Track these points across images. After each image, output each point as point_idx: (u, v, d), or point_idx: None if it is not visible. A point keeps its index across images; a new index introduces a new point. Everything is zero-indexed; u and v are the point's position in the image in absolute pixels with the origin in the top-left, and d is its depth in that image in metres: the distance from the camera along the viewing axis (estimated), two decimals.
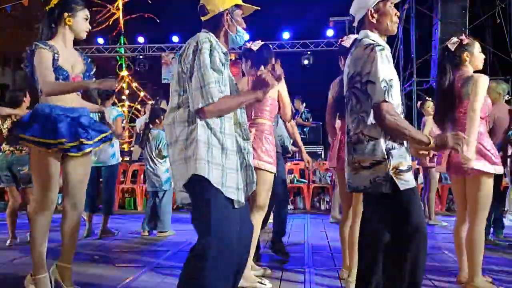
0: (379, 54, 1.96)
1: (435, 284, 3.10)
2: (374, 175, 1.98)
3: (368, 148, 2.00)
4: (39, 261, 2.65)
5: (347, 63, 2.16)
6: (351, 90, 2.08)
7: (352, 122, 2.09)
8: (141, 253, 4.14)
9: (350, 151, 2.09)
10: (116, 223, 5.94)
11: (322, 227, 5.85)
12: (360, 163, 2.02)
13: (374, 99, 1.96)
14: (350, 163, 2.09)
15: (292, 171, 8.27)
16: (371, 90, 1.96)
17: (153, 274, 3.34)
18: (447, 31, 10.05)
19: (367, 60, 1.98)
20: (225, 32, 2.09)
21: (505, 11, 10.60)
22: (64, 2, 2.72)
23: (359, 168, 2.03)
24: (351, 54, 2.13)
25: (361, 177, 2.03)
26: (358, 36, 2.16)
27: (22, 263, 3.67)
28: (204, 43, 1.94)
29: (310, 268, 3.53)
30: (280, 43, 11.72)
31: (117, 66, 13.86)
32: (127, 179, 8.34)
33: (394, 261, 2.03)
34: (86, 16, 2.80)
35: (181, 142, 1.95)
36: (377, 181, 1.97)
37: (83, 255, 3.96)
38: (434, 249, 4.31)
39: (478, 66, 2.99)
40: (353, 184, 2.10)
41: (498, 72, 10.49)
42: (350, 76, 2.09)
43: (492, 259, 3.83)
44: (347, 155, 2.12)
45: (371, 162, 1.99)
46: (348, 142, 2.12)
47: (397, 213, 2.02)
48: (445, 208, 7.68)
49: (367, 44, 2.02)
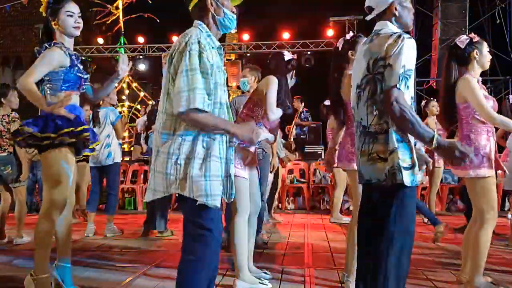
0: (407, 42, 1.89)
1: (435, 284, 3.10)
2: (389, 166, 1.91)
3: (386, 139, 1.93)
4: (42, 262, 2.64)
5: (363, 53, 2.05)
6: (374, 76, 1.96)
7: (371, 112, 1.98)
8: (140, 254, 4.14)
9: (367, 141, 1.99)
10: (116, 223, 5.93)
11: (322, 227, 5.85)
12: (379, 154, 1.94)
13: (387, 82, 1.89)
14: (366, 154, 2.00)
15: (292, 171, 8.28)
16: (388, 73, 1.89)
17: (153, 275, 3.33)
18: (447, 31, 10.07)
19: (393, 45, 1.89)
20: (213, 16, 2.01)
21: (505, 11, 10.61)
22: (47, 6, 2.72)
23: (377, 159, 1.95)
24: (369, 43, 2.03)
25: (378, 169, 1.95)
26: (377, 27, 2.06)
27: (22, 263, 3.67)
28: (193, 44, 1.87)
29: (310, 268, 3.53)
30: (280, 43, 11.72)
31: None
32: (127, 179, 8.34)
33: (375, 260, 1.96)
34: (69, 12, 2.71)
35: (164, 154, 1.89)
36: (390, 172, 1.90)
37: (83, 255, 3.96)
38: (434, 249, 4.32)
39: (485, 65, 2.97)
40: (366, 175, 2.02)
41: (498, 72, 10.51)
42: (373, 63, 1.97)
43: (491, 258, 3.83)
44: (361, 146, 2.02)
45: (389, 151, 1.92)
46: (363, 132, 2.02)
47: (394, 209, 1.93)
48: (445, 208, 7.68)
49: (392, 31, 1.96)
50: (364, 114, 2.02)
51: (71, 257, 2.83)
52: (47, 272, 2.65)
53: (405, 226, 1.94)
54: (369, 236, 2.00)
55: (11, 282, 3.11)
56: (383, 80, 1.92)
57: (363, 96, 2.02)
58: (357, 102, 2.08)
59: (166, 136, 1.90)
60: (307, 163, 8.39)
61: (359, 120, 2.06)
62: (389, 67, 1.89)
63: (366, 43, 2.07)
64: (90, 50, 12.28)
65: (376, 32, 2.05)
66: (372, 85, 1.98)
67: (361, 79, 2.05)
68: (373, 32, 2.08)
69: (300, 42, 11.68)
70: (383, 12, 2.05)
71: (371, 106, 1.99)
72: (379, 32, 2.02)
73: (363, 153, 2.02)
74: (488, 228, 2.83)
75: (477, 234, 2.83)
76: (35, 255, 2.64)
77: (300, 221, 6.44)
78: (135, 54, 12.33)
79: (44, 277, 2.64)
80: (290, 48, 11.65)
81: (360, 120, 2.05)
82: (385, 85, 1.90)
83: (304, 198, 8.00)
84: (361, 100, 2.04)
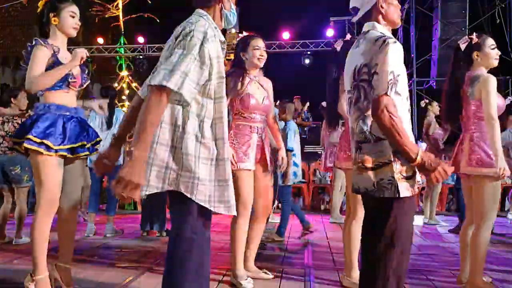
0: (392, 47, 1.83)
1: (435, 284, 3.10)
2: (378, 178, 1.86)
3: (375, 148, 1.87)
4: (39, 262, 2.64)
5: (352, 57, 2.03)
6: (359, 83, 1.93)
7: (356, 119, 1.95)
8: (140, 253, 4.14)
9: (356, 149, 1.96)
10: (116, 223, 5.93)
11: (322, 227, 5.85)
12: (364, 163, 1.89)
13: (376, 90, 1.83)
14: (355, 163, 1.97)
15: None
16: (375, 81, 1.84)
17: (153, 274, 3.33)
18: (447, 31, 10.08)
19: (378, 51, 1.85)
20: (220, 9, 1.91)
21: (505, 11, 10.62)
22: (49, 3, 2.74)
23: (363, 169, 1.91)
24: (357, 47, 2.00)
25: (364, 178, 1.90)
26: (364, 29, 2.03)
27: (22, 263, 3.67)
28: (198, 32, 1.72)
29: (310, 268, 3.52)
30: (280, 43, 11.72)
31: (117, 66, 13.85)
32: None
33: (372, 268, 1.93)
34: (72, 12, 2.74)
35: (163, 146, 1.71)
36: (381, 184, 1.85)
37: (83, 255, 3.96)
38: (434, 249, 4.32)
39: (491, 63, 2.96)
40: (355, 185, 1.99)
41: (498, 72, 10.51)
42: (358, 69, 1.94)
43: (491, 258, 3.83)
44: (353, 153, 2.00)
45: (376, 164, 1.87)
46: (353, 140, 2.00)
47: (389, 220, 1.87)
48: (445, 208, 7.68)
49: (378, 36, 1.90)
50: (353, 121, 1.99)
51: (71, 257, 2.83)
52: (45, 271, 2.65)
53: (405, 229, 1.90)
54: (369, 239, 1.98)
55: (11, 282, 3.10)
56: (371, 88, 1.86)
57: (353, 103, 1.99)
58: (349, 108, 2.06)
59: (164, 126, 1.72)
60: (307, 163, 8.39)
61: (351, 126, 2.03)
62: (376, 75, 1.84)
63: (355, 47, 2.04)
64: (90, 50, 12.29)
65: (364, 33, 2.01)
66: (356, 92, 1.95)
67: (350, 86, 2.02)
68: (361, 34, 2.04)
69: (300, 42, 11.68)
70: (369, 12, 2.01)
71: (355, 113, 1.97)
72: (366, 34, 1.98)
73: (353, 161, 2.00)
74: (487, 229, 2.80)
75: (476, 238, 2.78)
76: (32, 255, 2.64)
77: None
78: (135, 54, 12.34)
79: (43, 277, 2.64)
80: (290, 48, 11.67)
81: (352, 126, 2.02)
82: (374, 93, 1.83)
83: (304, 198, 7.99)
84: (351, 106, 2.02)
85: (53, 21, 2.72)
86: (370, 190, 1.89)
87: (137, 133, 1.61)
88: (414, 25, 10.76)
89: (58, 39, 2.74)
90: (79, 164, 2.83)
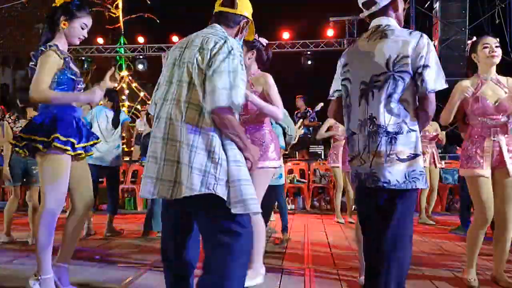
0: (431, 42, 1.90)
1: (435, 284, 3.10)
2: (411, 169, 1.88)
3: (408, 139, 1.89)
4: (45, 262, 2.62)
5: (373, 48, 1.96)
6: (394, 74, 1.89)
7: (389, 110, 1.90)
8: (141, 253, 4.14)
9: (384, 141, 1.90)
10: (116, 223, 5.93)
11: (322, 227, 5.85)
12: (398, 155, 1.88)
13: (430, 85, 1.86)
14: (384, 155, 1.90)
15: (292, 171, 8.28)
16: (428, 75, 1.86)
17: (154, 274, 3.34)
18: (447, 31, 10.07)
19: (420, 45, 1.86)
20: (236, 34, 2.13)
21: (505, 11, 10.61)
22: (66, 5, 2.72)
23: (396, 160, 1.88)
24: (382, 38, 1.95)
25: (396, 170, 1.88)
26: (382, 21, 2.01)
27: (22, 263, 3.67)
28: (235, 49, 1.91)
29: (310, 268, 3.53)
30: (280, 43, 11.72)
31: (117, 66, 13.86)
32: (127, 179, 8.34)
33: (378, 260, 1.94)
34: (85, 25, 2.76)
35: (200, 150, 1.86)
36: (412, 176, 1.87)
37: (84, 255, 3.96)
38: (434, 249, 4.32)
39: (487, 62, 3.02)
40: (383, 178, 1.90)
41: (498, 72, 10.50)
42: (394, 60, 1.89)
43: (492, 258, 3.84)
44: (376, 146, 1.92)
45: (408, 155, 1.88)
46: (378, 132, 1.91)
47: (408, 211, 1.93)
48: (445, 208, 7.68)
49: (411, 30, 1.94)
50: (379, 112, 1.91)
51: (71, 257, 2.83)
52: (51, 272, 2.64)
53: (411, 226, 1.95)
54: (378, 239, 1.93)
55: (11, 282, 3.10)
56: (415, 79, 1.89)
57: (379, 94, 1.92)
58: (365, 99, 1.97)
59: (190, 128, 1.87)
60: (307, 163, 8.39)
61: (367, 118, 1.96)
62: (428, 69, 1.86)
63: (376, 39, 1.98)
64: (90, 50, 12.28)
65: (387, 25, 1.98)
66: (391, 83, 1.90)
67: (372, 76, 1.95)
68: (379, 27, 2.00)
69: (300, 42, 11.68)
70: (385, 7, 2.02)
71: (388, 104, 1.91)
72: (388, 28, 1.96)
73: (378, 154, 1.91)
74: (475, 224, 3.01)
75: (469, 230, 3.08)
76: (37, 255, 2.63)
77: (300, 221, 6.44)
78: (135, 54, 12.34)
79: (49, 277, 2.63)
80: (290, 48, 11.67)
81: (368, 118, 1.95)
82: (428, 88, 1.87)
83: (304, 198, 8.00)
84: (374, 97, 1.94)
85: (62, 25, 2.70)
86: (401, 182, 1.88)
87: (239, 138, 1.91)
88: (414, 25, 10.76)
89: (61, 42, 2.73)
90: (86, 162, 2.88)
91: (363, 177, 2.00)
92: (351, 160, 2.09)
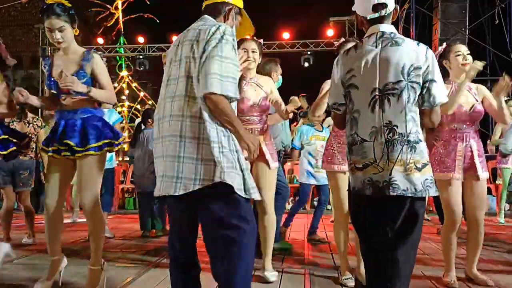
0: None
1: (435, 284, 3.10)
2: (424, 178, 1.91)
3: (422, 148, 1.94)
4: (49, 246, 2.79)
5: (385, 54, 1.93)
6: (408, 83, 1.90)
7: (410, 119, 1.91)
8: (141, 253, 4.14)
9: (405, 150, 1.90)
10: (116, 222, 5.94)
11: (322, 227, 5.85)
12: (416, 164, 1.91)
13: (438, 99, 1.93)
14: (405, 164, 1.90)
15: (292, 171, 8.27)
16: (436, 89, 1.92)
17: (154, 274, 3.34)
18: (447, 31, 10.08)
19: (428, 57, 1.91)
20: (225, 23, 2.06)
21: (505, 11, 10.63)
22: None
23: (414, 169, 1.90)
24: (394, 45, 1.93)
25: (414, 179, 1.90)
26: (386, 29, 1.99)
27: (22, 263, 3.67)
28: (228, 35, 1.90)
29: (310, 268, 3.53)
30: (280, 43, 11.73)
31: (117, 66, 13.87)
32: (127, 179, 8.33)
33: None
34: (47, 28, 2.73)
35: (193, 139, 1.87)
36: (426, 184, 1.91)
37: (83, 255, 3.96)
38: (433, 249, 4.31)
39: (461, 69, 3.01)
40: (402, 186, 1.89)
41: (498, 72, 10.52)
42: (408, 69, 1.89)
43: (492, 258, 3.83)
44: (397, 154, 1.90)
45: (422, 164, 1.92)
46: (402, 140, 1.90)
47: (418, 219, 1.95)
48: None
49: (417, 42, 1.98)
50: (400, 121, 1.90)
51: (71, 257, 2.86)
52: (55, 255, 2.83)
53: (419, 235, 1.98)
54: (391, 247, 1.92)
55: (11, 282, 3.11)
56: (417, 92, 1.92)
57: (397, 102, 1.90)
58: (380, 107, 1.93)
59: (193, 121, 1.88)
60: None
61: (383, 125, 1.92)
62: (435, 84, 1.92)
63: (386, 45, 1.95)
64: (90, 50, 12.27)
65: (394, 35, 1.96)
66: (408, 92, 1.91)
67: (387, 83, 1.91)
68: (383, 34, 1.97)
69: (300, 42, 11.69)
70: (389, 14, 2.01)
71: (409, 113, 1.92)
72: (400, 37, 1.97)
73: (398, 162, 1.90)
74: (445, 228, 3.05)
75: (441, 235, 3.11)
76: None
77: (300, 221, 6.44)
78: (135, 54, 12.34)
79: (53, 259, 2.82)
80: (290, 48, 11.67)
81: (385, 125, 1.92)
82: (436, 102, 1.94)
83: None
84: (391, 105, 1.91)
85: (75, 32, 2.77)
86: (418, 190, 1.90)
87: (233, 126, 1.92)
88: (414, 25, 10.77)
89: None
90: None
91: (381, 185, 1.93)
92: (363, 168, 1.99)
